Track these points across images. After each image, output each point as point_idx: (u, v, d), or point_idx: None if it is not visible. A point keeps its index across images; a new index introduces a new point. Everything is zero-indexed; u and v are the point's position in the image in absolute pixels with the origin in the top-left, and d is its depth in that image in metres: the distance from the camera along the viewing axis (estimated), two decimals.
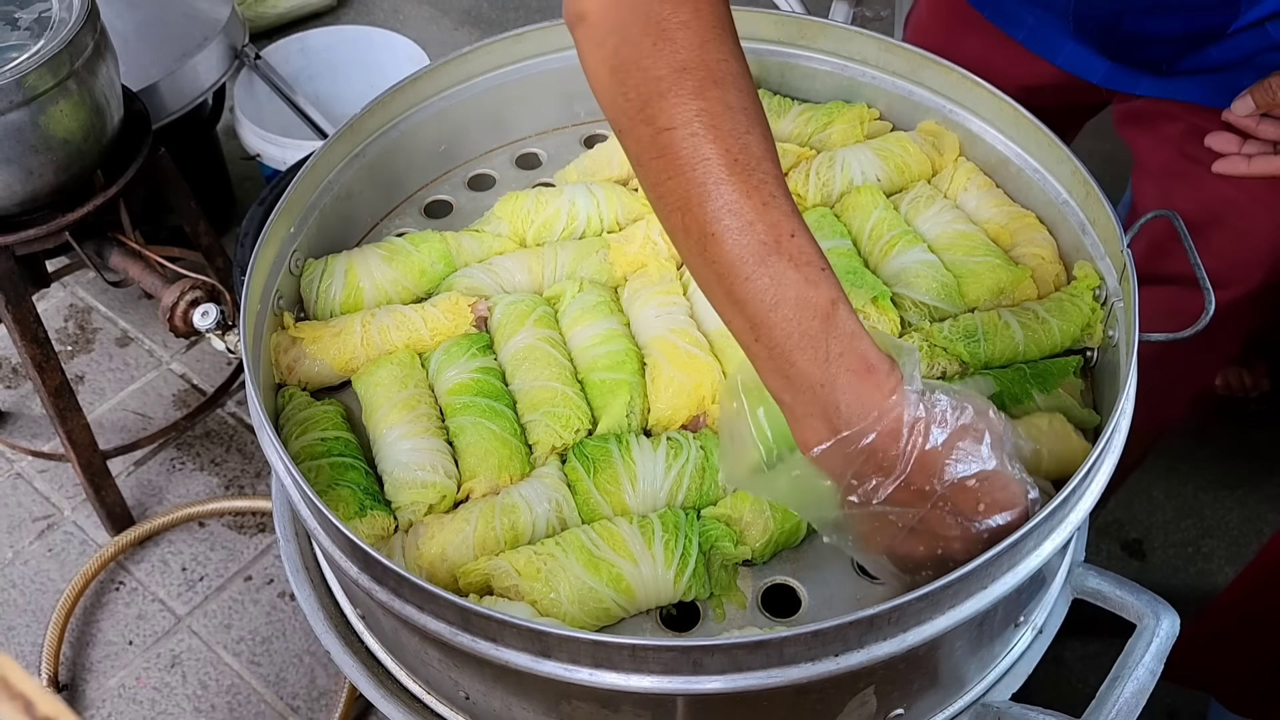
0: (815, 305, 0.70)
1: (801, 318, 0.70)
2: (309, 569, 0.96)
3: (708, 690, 0.71)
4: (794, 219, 0.72)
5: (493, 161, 1.22)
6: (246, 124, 2.08)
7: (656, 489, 0.89)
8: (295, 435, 0.93)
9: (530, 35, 1.16)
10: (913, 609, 0.72)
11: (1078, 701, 0.83)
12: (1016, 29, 1.24)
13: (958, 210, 1.09)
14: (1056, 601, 0.91)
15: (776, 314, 0.70)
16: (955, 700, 0.88)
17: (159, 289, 1.41)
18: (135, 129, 1.57)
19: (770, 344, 0.71)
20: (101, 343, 2.16)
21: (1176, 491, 1.96)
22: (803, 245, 0.71)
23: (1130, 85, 1.20)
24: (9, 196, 1.41)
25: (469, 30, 2.93)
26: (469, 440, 0.92)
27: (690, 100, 0.70)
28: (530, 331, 0.99)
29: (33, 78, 1.32)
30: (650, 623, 0.85)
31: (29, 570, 1.84)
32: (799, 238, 0.71)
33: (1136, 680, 0.83)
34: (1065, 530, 0.79)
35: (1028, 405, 0.94)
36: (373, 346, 0.99)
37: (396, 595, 0.77)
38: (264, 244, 0.96)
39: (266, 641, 1.76)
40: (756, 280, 0.70)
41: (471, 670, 0.81)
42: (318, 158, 1.03)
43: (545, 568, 0.82)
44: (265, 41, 2.30)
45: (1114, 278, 0.97)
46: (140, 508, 1.91)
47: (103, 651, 1.75)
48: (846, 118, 1.16)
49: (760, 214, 0.70)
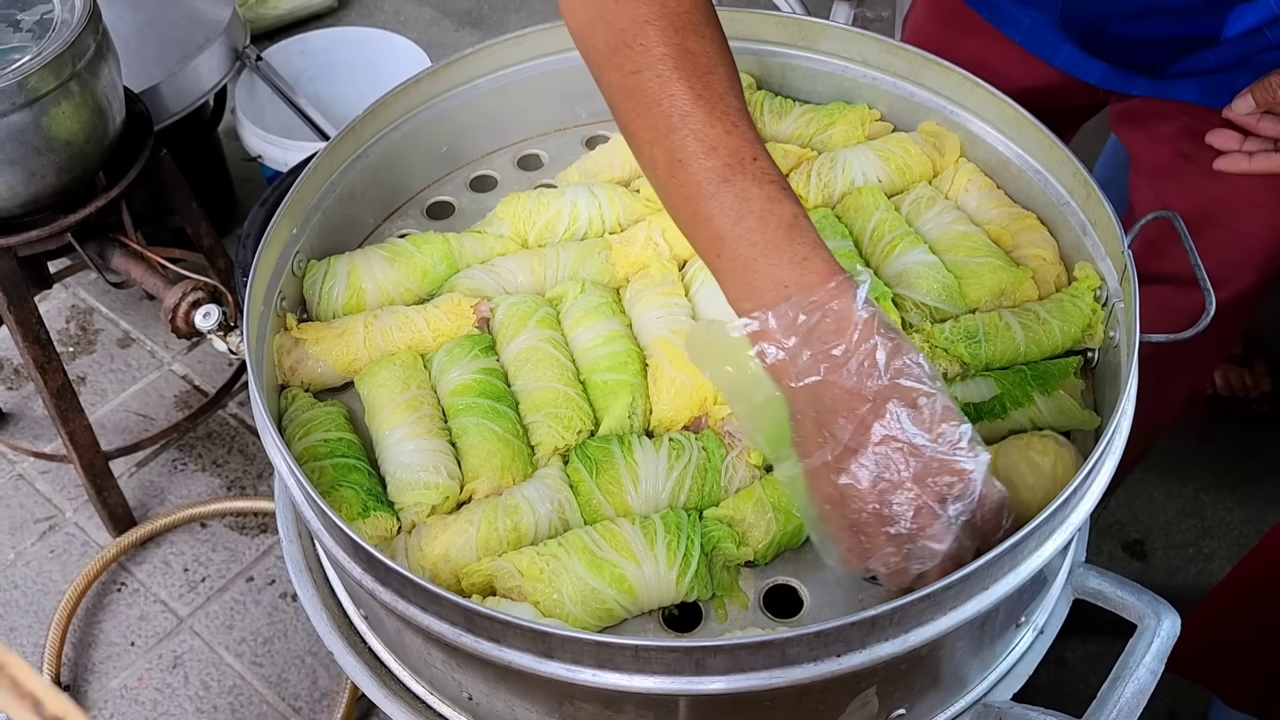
0: (779, 217, 0.74)
1: (765, 228, 0.74)
2: (312, 570, 0.96)
3: (710, 691, 0.71)
4: (757, 145, 0.76)
5: (494, 163, 1.22)
6: (248, 125, 2.08)
7: (659, 490, 0.89)
8: (298, 436, 0.93)
9: (532, 37, 1.16)
10: (914, 609, 0.72)
11: (1079, 701, 0.83)
12: (1014, 30, 1.24)
13: (959, 211, 1.09)
14: (1058, 602, 0.91)
15: (741, 226, 0.74)
16: (957, 700, 0.88)
17: (161, 290, 1.41)
18: (137, 130, 1.57)
19: (734, 255, 0.75)
20: (103, 344, 2.17)
21: (1177, 492, 1.96)
22: (765, 167, 0.76)
23: (1126, 86, 1.20)
24: (11, 198, 1.41)
25: (470, 31, 2.93)
26: (472, 441, 0.92)
27: (654, 48, 0.77)
28: (532, 333, 0.99)
29: (35, 79, 1.32)
30: (653, 623, 0.85)
31: (31, 571, 1.84)
32: (761, 161, 0.76)
33: (1138, 681, 0.83)
34: (1066, 531, 0.79)
35: (1028, 407, 0.94)
36: (375, 348, 0.99)
37: (400, 596, 0.77)
38: (266, 245, 0.96)
39: (268, 642, 1.76)
40: (721, 198, 0.74)
41: (475, 671, 0.81)
42: (320, 159, 1.03)
43: (548, 568, 0.82)
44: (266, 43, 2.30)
45: (1115, 278, 0.97)
46: (142, 508, 1.91)
47: (105, 652, 1.75)
48: (848, 119, 1.16)
49: (724, 140, 0.75)
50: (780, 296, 0.73)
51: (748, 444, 0.91)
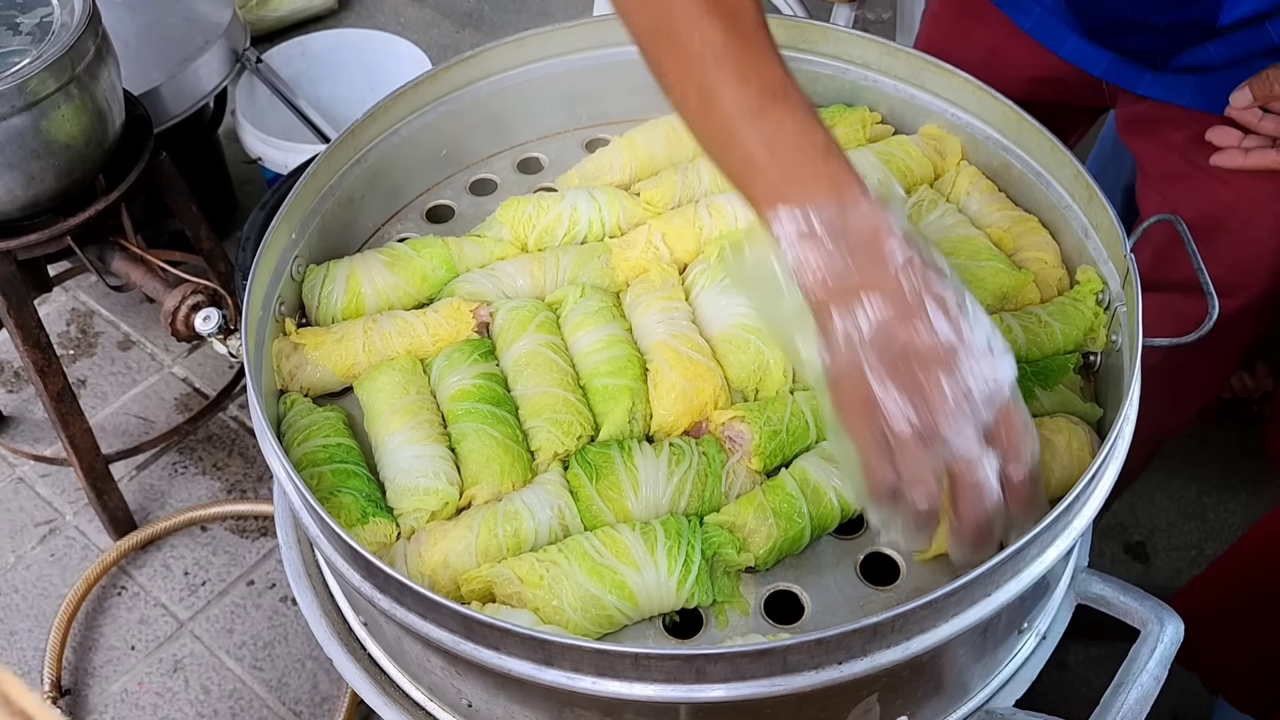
0: (813, 144, 0.75)
1: (800, 154, 0.75)
2: (311, 575, 0.96)
3: (711, 698, 0.71)
4: (788, 78, 0.77)
5: (494, 166, 1.22)
6: (248, 128, 2.08)
7: (659, 495, 0.88)
8: (297, 442, 0.93)
9: (532, 39, 1.15)
10: (916, 616, 0.72)
11: (1082, 706, 0.83)
12: (1024, 18, 1.24)
13: (960, 214, 1.09)
14: (1060, 607, 0.91)
15: (776, 154, 0.75)
16: (959, 707, 0.87)
17: (161, 293, 1.41)
18: (137, 133, 1.57)
19: (769, 182, 0.75)
20: (103, 347, 2.16)
21: (1179, 494, 1.95)
22: (797, 99, 0.76)
23: (1131, 82, 1.20)
24: (11, 201, 1.41)
25: (470, 33, 2.93)
26: (471, 447, 0.92)
27: None
28: (532, 337, 0.98)
29: (34, 83, 1.32)
30: (653, 630, 0.85)
31: (31, 575, 1.84)
32: (793, 93, 0.77)
33: (1141, 687, 0.82)
34: (1069, 537, 0.79)
35: (1031, 403, 0.94)
36: (374, 352, 0.99)
37: (399, 603, 0.76)
38: (265, 250, 0.96)
39: (269, 646, 1.76)
40: (756, 127, 0.75)
41: (474, 678, 0.80)
42: (319, 163, 1.03)
43: (548, 575, 0.82)
44: (266, 45, 2.30)
45: (1117, 282, 0.97)
46: (142, 512, 1.91)
47: (105, 656, 1.75)
48: (848, 121, 1.15)
49: (756, 72, 0.76)
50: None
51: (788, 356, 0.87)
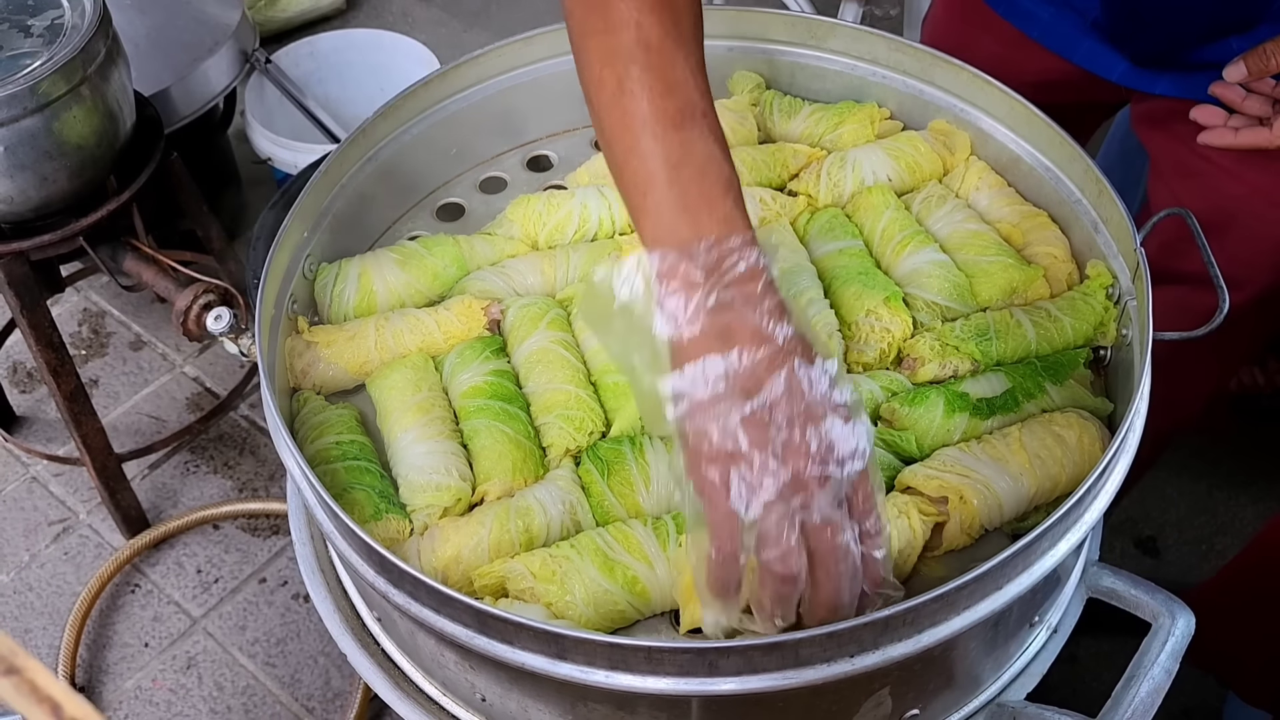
0: (718, 175, 0.73)
1: (702, 181, 0.72)
2: (324, 571, 0.96)
3: (723, 691, 0.71)
4: (709, 99, 0.75)
5: (504, 164, 1.22)
6: (257, 128, 2.08)
7: (670, 490, 0.89)
8: (310, 439, 0.93)
9: (540, 38, 1.16)
10: (928, 610, 0.72)
11: (1093, 699, 0.83)
12: (1032, 26, 1.23)
13: (969, 210, 1.09)
14: (1071, 601, 0.91)
15: (678, 173, 0.73)
16: (970, 700, 0.88)
17: (172, 293, 1.42)
18: (147, 134, 1.57)
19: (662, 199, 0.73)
20: (115, 347, 2.17)
21: (1190, 488, 1.95)
22: (714, 124, 0.75)
23: (1149, 85, 1.19)
24: (24, 202, 1.42)
25: (479, 32, 2.93)
26: (483, 443, 0.92)
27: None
28: (543, 334, 0.99)
29: (46, 84, 1.33)
30: (665, 624, 0.85)
31: (45, 573, 1.85)
32: (710, 117, 0.75)
33: (1152, 680, 0.83)
34: (1080, 530, 0.79)
35: (1040, 398, 0.94)
36: (386, 350, 1.00)
37: (412, 598, 0.77)
38: (277, 249, 0.96)
39: (281, 643, 1.76)
40: (667, 140, 0.73)
41: (488, 672, 0.81)
42: (330, 162, 1.04)
43: (560, 570, 0.83)
44: (275, 45, 2.30)
45: (1127, 276, 0.97)
46: (155, 510, 1.92)
47: (119, 654, 1.76)
48: (857, 117, 1.16)
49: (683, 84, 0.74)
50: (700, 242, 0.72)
51: None
